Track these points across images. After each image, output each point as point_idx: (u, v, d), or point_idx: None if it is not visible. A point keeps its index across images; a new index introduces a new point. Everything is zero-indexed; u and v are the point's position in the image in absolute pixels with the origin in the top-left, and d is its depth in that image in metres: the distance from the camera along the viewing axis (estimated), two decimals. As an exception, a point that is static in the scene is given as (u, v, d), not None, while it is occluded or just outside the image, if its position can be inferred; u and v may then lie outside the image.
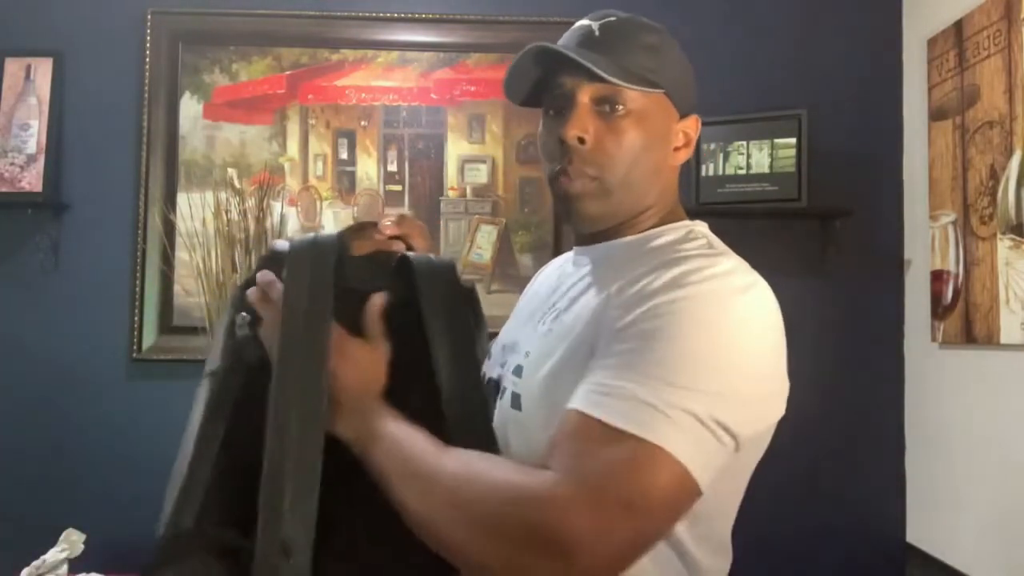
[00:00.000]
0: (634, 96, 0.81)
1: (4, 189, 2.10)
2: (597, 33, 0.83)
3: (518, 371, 0.84)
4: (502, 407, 0.86)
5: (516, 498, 0.67)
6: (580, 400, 0.71)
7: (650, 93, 0.82)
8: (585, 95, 0.81)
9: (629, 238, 0.86)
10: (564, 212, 0.86)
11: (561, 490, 0.65)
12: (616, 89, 0.80)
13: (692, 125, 0.87)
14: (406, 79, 2.20)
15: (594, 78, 0.79)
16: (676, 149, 0.86)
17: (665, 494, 0.67)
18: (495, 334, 0.98)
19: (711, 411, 0.69)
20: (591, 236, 0.88)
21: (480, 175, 2.19)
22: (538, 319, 0.87)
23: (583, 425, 0.69)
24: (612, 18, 0.84)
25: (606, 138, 0.81)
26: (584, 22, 0.85)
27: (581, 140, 0.81)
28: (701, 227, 0.87)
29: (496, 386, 0.88)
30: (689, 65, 0.88)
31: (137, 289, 2.12)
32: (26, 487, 2.09)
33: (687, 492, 0.69)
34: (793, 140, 2.08)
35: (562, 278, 0.92)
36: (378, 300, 0.80)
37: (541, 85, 0.86)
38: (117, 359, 2.13)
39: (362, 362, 0.77)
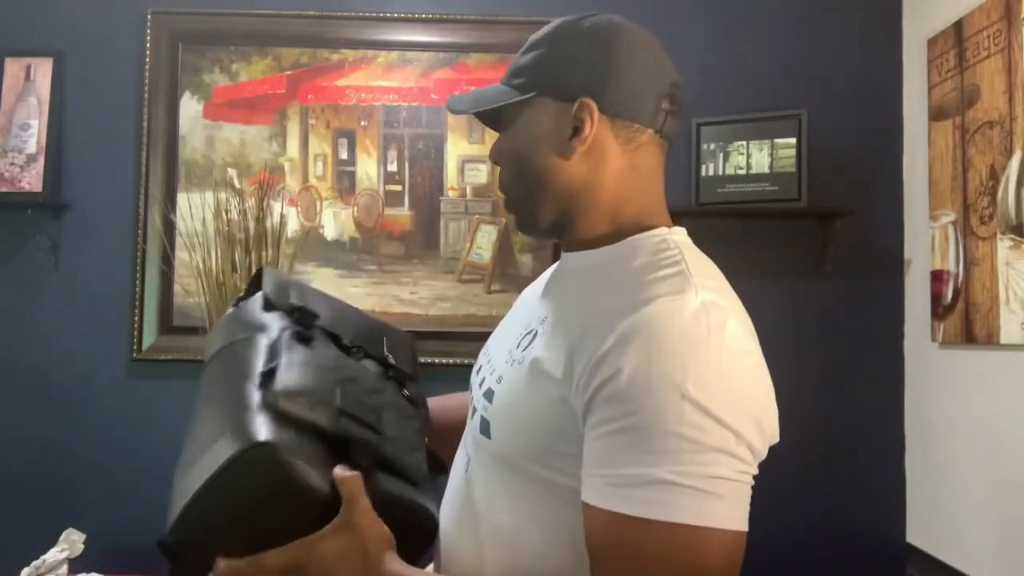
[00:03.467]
0: (510, 109, 0.84)
1: (4, 189, 2.10)
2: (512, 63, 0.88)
3: (489, 395, 0.83)
4: (472, 428, 0.87)
5: None
6: (601, 495, 0.68)
7: (523, 101, 0.83)
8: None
9: (602, 252, 0.83)
10: None
11: None
12: (496, 111, 0.86)
13: (579, 108, 0.80)
14: (406, 79, 2.20)
15: (479, 116, 0.89)
16: (569, 139, 0.80)
17: (727, 564, 0.66)
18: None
19: (730, 463, 0.67)
20: (567, 241, 0.87)
21: (480, 175, 2.19)
22: (516, 340, 0.85)
23: (616, 525, 0.66)
24: (530, 40, 0.88)
25: (500, 153, 0.87)
26: None
27: (496, 161, 0.88)
28: (676, 236, 0.81)
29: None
30: (596, 48, 0.82)
31: (137, 289, 2.12)
32: (26, 487, 2.10)
33: (741, 545, 0.68)
34: (793, 140, 2.08)
35: (546, 291, 0.90)
36: (352, 485, 0.77)
37: None
38: (117, 359, 2.13)
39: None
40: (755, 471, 0.70)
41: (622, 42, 0.82)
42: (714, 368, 0.67)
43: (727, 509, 0.66)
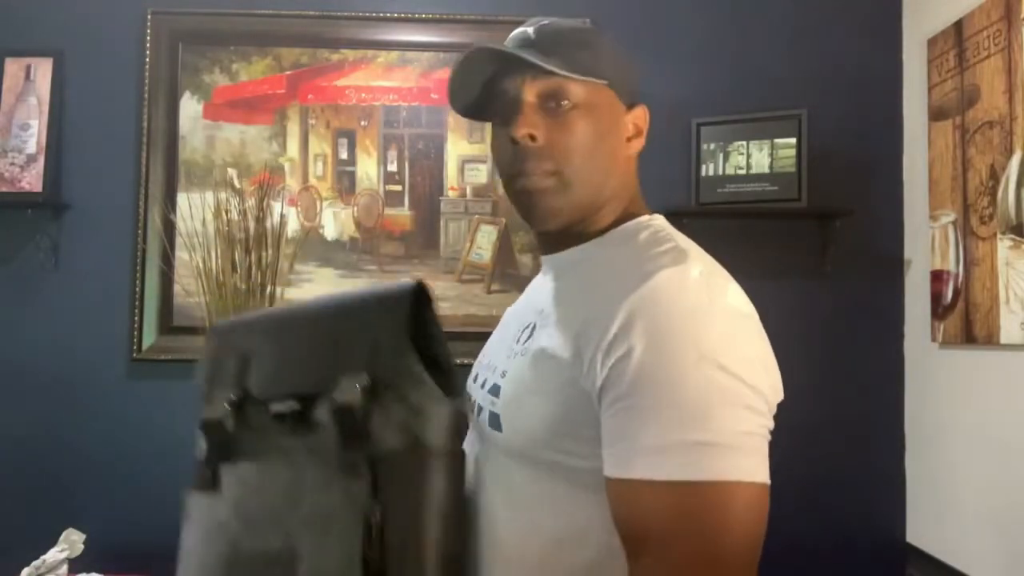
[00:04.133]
0: (578, 89, 0.81)
1: (4, 189, 2.10)
2: (533, 36, 0.84)
3: (495, 391, 0.83)
4: (479, 426, 0.86)
5: None
6: (634, 466, 0.68)
7: (593, 85, 0.82)
8: (530, 94, 0.81)
9: (593, 244, 0.85)
10: (524, 211, 0.84)
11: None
12: (559, 83, 0.80)
13: (640, 115, 0.87)
14: (406, 79, 2.20)
15: (537, 74, 0.80)
16: (628, 139, 0.86)
17: (763, 516, 0.68)
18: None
19: (753, 418, 0.69)
20: (554, 241, 0.87)
21: (480, 175, 2.19)
22: (515, 337, 0.86)
23: (653, 493, 0.67)
24: (545, 22, 0.85)
25: (557, 133, 0.81)
26: (519, 29, 0.86)
27: (532, 138, 0.81)
28: (659, 220, 0.86)
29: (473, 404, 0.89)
30: (627, 59, 0.87)
31: (137, 289, 2.12)
32: (26, 487, 2.09)
33: (768, 498, 0.69)
34: (793, 140, 2.08)
35: (536, 292, 0.92)
36: None
37: (485, 94, 0.86)
38: (117, 359, 2.13)
39: None
40: (771, 425, 0.72)
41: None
42: (723, 329, 0.70)
43: (757, 463, 0.68)
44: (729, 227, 2.17)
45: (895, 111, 2.22)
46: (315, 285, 2.15)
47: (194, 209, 2.13)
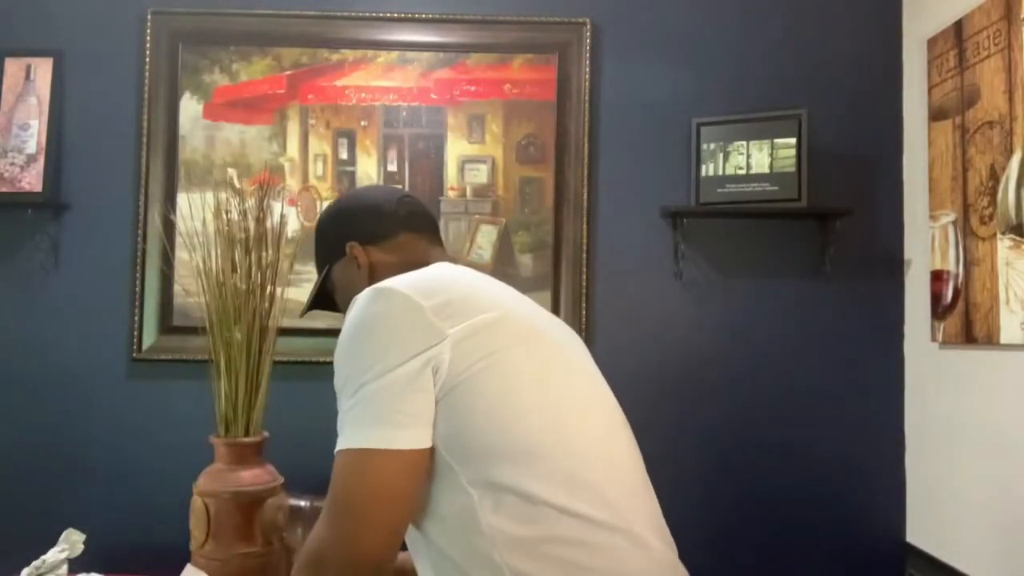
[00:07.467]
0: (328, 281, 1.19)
1: (4, 189, 2.10)
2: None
3: None
4: None
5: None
6: None
7: (326, 273, 1.17)
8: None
9: None
10: None
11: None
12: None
13: (350, 252, 1.13)
14: (406, 79, 2.20)
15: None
16: (359, 267, 1.12)
17: (363, 477, 0.83)
18: None
19: (357, 397, 0.85)
20: None
21: (480, 175, 2.19)
22: None
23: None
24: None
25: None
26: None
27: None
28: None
29: None
30: (334, 220, 1.18)
31: (137, 289, 2.12)
32: (26, 487, 2.09)
33: (388, 462, 0.83)
34: (793, 140, 2.08)
35: None
36: None
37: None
38: (117, 359, 2.13)
39: None
40: (403, 384, 0.87)
41: (342, 205, 1.20)
42: (361, 322, 0.93)
43: (361, 431, 0.86)
44: (729, 227, 2.18)
45: (895, 111, 2.22)
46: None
47: (194, 209, 2.12)
